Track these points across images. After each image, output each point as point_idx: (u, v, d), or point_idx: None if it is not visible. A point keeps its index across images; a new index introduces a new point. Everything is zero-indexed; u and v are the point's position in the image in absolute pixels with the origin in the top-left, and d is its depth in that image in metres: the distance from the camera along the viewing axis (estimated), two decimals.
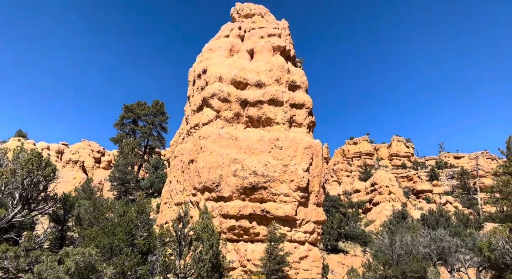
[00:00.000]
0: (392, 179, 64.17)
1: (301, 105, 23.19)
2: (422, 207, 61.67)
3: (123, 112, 54.69)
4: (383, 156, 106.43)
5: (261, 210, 19.88)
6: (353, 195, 72.64)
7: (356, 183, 77.66)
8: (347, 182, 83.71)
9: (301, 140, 21.80)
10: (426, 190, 75.85)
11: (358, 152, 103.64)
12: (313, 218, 20.96)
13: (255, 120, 22.35)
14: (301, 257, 19.86)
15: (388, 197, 59.51)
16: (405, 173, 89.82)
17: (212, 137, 21.05)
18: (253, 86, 22.59)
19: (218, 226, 19.06)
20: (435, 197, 72.52)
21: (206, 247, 15.83)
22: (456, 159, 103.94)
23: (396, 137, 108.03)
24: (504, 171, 22.36)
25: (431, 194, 74.27)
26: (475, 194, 66.96)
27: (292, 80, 23.58)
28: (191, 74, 26.43)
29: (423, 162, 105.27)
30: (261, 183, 20.07)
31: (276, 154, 21.00)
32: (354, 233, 39.21)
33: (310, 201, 21.31)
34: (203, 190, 20.59)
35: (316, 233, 21.20)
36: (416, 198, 74.78)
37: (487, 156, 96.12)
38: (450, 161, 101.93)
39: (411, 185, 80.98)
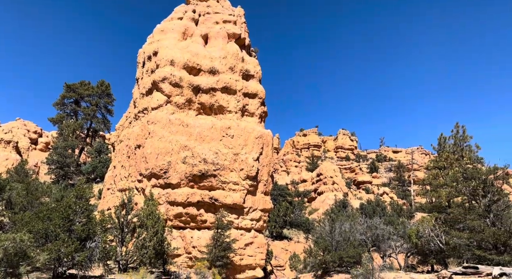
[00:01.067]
0: (336, 170, 67.48)
1: (254, 95, 23.35)
2: (362, 197, 65.80)
3: (64, 92, 50.88)
4: (329, 148, 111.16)
5: (210, 198, 19.90)
6: (300, 184, 75.31)
7: (304, 173, 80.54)
8: (295, 172, 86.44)
9: (253, 130, 22.03)
10: (366, 181, 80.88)
11: (307, 143, 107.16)
12: (261, 206, 21.45)
13: (207, 108, 22.10)
14: (247, 243, 20.31)
15: (332, 187, 62.61)
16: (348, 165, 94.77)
17: (162, 123, 20.48)
18: (206, 73, 22.24)
19: (164, 213, 18.76)
20: (374, 188, 77.64)
21: (150, 234, 15.55)
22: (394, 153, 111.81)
23: (342, 131, 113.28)
24: (434, 165, 24.52)
25: (370, 185, 79.34)
26: (409, 186, 72.79)
27: (246, 69, 23.60)
28: (140, 56, 25.28)
29: (365, 154, 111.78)
30: (211, 170, 20.03)
31: (227, 142, 21.03)
32: (299, 221, 40.86)
33: (259, 189, 21.74)
34: (150, 176, 20.07)
35: (263, 220, 21.75)
36: (357, 188, 79.42)
37: (421, 151, 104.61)
38: (389, 155, 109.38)
39: (353, 176, 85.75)
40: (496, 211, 17.49)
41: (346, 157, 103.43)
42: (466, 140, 23.69)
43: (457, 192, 20.01)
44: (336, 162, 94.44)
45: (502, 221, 16.96)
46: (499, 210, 17.57)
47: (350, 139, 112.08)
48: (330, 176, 64.44)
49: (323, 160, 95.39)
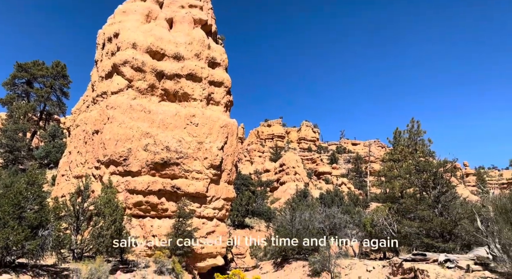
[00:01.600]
0: (298, 161, 68.96)
1: (220, 83, 23.06)
2: (322, 187, 67.94)
3: (15, 71, 47.25)
4: (293, 139, 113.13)
5: (172, 186, 19.58)
6: (263, 174, 76.18)
7: (267, 163, 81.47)
8: (259, 162, 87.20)
9: (218, 118, 21.83)
10: (326, 172, 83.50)
11: (271, 134, 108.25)
12: (224, 195, 21.46)
13: (171, 94, 21.53)
14: (208, 232, 20.30)
15: (294, 177, 63.98)
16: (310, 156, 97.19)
17: (122, 108, 19.69)
18: (170, 58, 21.58)
19: (123, 201, 18.21)
20: (333, 179, 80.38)
21: (108, 223, 15.06)
22: (353, 145, 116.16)
23: (306, 123, 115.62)
24: (389, 158, 25.83)
25: (330, 176, 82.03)
26: (365, 177, 76.10)
27: (212, 57, 23.20)
28: (100, 37, 23.97)
29: (326, 146, 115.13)
30: (173, 159, 19.65)
31: (191, 131, 20.69)
32: (261, 210, 41.42)
33: (222, 178, 21.70)
34: (109, 163, 19.32)
35: (225, 209, 21.80)
36: (317, 178, 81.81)
37: (378, 144, 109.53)
38: (348, 147, 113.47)
39: (314, 167, 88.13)
40: (444, 201, 18.79)
41: (309, 148, 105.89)
42: (420, 134, 25.09)
43: (410, 184, 21.24)
44: (299, 153, 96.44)
45: (449, 211, 18.25)
46: (446, 201, 18.89)
47: (313, 131, 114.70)
48: (292, 166, 65.75)
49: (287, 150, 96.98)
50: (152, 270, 15.98)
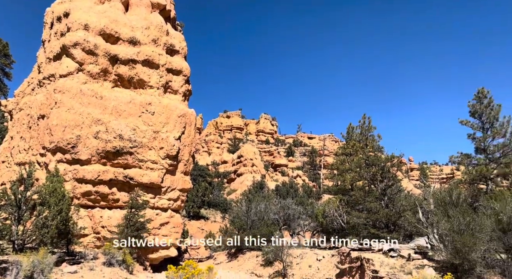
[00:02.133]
0: (256, 153, 69.56)
1: (178, 71, 22.46)
2: (278, 179, 69.22)
3: None
4: (251, 131, 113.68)
5: (124, 176, 18.88)
6: (221, 165, 75.95)
7: (225, 155, 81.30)
8: (216, 153, 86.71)
9: (176, 108, 21.30)
10: (283, 164, 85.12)
11: (230, 125, 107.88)
12: (179, 186, 21.11)
13: (125, 80, 20.60)
14: (162, 223, 19.91)
15: (251, 169, 64.52)
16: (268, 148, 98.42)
17: (72, 93, 18.53)
18: (126, 42, 20.59)
19: (70, 190, 17.27)
20: (289, 171, 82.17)
21: (53, 213, 14.23)
22: (309, 139, 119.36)
23: (264, 115, 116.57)
24: (342, 152, 26.81)
25: (286, 168, 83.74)
26: (319, 170, 78.64)
27: (171, 44, 22.49)
28: (48, 15, 22.23)
29: (284, 139, 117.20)
30: (127, 148, 18.93)
31: (147, 119, 20.01)
32: (217, 201, 41.40)
33: (179, 169, 21.31)
34: (55, 150, 18.18)
35: (181, 200, 21.48)
36: (274, 170, 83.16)
37: (332, 138, 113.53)
38: (304, 140, 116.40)
39: (271, 159, 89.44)
40: (390, 194, 19.94)
41: (266, 141, 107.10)
42: (371, 130, 26.27)
43: (360, 177, 22.24)
44: (257, 145, 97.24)
45: (394, 204, 19.39)
46: (392, 193, 20.07)
47: (271, 124, 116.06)
48: (250, 158, 66.21)
49: (245, 142, 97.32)
50: (101, 262, 15.40)
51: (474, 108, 20.09)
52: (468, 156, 20.94)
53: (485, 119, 19.80)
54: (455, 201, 13.15)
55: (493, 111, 19.48)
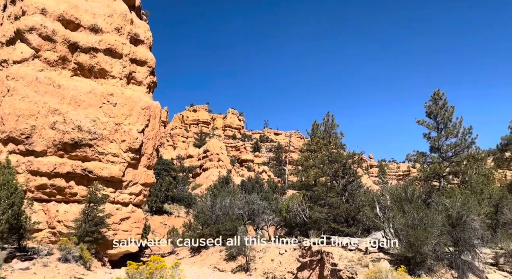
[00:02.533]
0: (223, 148, 69.30)
1: (143, 62, 21.77)
2: (244, 174, 69.43)
3: None
4: (218, 125, 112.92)
5: (83, 169, 18.10)
6: (186, 160, 74.91)
7: (191, 149, 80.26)
8: (182, 147, 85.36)
9: (139, 99, 20.67)
10: (249, 159, 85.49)
11: (196, 120, 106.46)
12: (142, 180, 20.57)
13: (86, 69, 19.66)
14: (123, 218, 19.35)
15: (217, 164, 64.20)
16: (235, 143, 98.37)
17: (26, 80, 17.41)
18: (87, 30, 19.61)
19: (23, 183, 16.31)
20: (255, 166, 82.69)
21: (4, 206, 13.38)
22: (276, 135, 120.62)
23: (232, 110, 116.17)
24: (307, 148, 27.33)
25: (252, 163, 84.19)
26: (284, 166, 79.84)
27: (135, 33, 21.73)
28: None
29: (250, 134, 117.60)
30: (86, 139, 18.13)
31: (108, 110, 19.25)
32: (181, 196, 40.84)
33: (141, 163, 20.74)
34: (7, 140, 17.06)
35: (143, 195, 20.95)
36: (240, 166, 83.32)
37: (298, 135, 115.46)
38: (271, 136, 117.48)
39: (237, 154, 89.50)
40: (350, 190, 20.66)
41: (233, 136, 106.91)
42: (334, 128, 26.97)
43: (323, 173, 22.83)
44: (224, 140, 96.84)
45: (353, 199, 20.13)
46: (352, 189, 20.81)
47: (238, 119, 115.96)
48: (216, 153, 65.83)
49: (211, 137, 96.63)
50: (56, 258, 14.73)
51: (430, 109, 21.20)
52: (423, 154, 22.11)
53: (440, 120, 20.96)
54: (410, 197, 13.85)
55: (447, 112, 20.66)
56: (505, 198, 16.26)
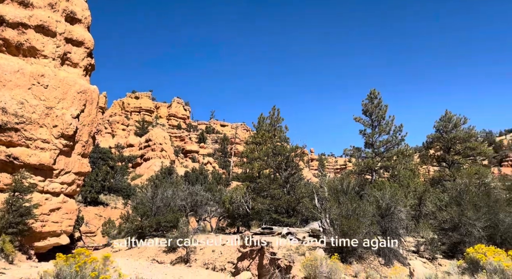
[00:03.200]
0: (166, 138, 67.27)
1: (79, 42, 20.19)
2: (188, 165, 68.29)
3: None
4: (162, 114, 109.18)
5: (7, 155, 16.42)
6: (126, 149, 71.50)
7: (131, 138, 76.69)
8: (122, 136, 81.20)
9: (74, 83, 19.18)
10: (194, 150, 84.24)
11: (138, 107, 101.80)
12: (75, 169, 19.23)
13: (13, 46, 17.73)
14: (53, 209, 17.97)
15: (160, 154, 62.22)
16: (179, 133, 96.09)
17: None
18: (15, 3, 17.63)
19: None
20: (200, 157, 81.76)
21: None
22: (222, 126, 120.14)
23: (177, 99, 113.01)
24: (252, 140, 27.66)
25: (197, 154, 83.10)
26: (230, 157, 80.00)
27: (72, 11, 20.04)
28: None
29: (196, 125, 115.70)
30: (11, 123, 16.44)
31: (38, 93, 17.60)
32: (119, 186, 38.96)
33: (75, 150, 19.36)
34: None
35: (76, 184, 19.63)
36: (184, 156, 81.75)
37: (244, 127, 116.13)
38: (217, 128, 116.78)
39: (182, 145, 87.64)
40: (292, 182, 21.35)
41: (178, 126, 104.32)
42: (279, 121, 27.61)
43: (267, 165, 23.31)
44: (168, 130, 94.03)
45: (294, 191, 20.85)
46: (294, 181, 21.52)
47: (184, 108, 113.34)
48: (159, 142, 63.72)
49: (154, 126, 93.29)
50: None
51: (366, 107, 22.62)
52: (359, 150, 23.58)
53: (374, 118, 22.47)
54: (345, 189, 14.70)
55: (381, 110, 22.21)
56: (427, 191, 17.99)
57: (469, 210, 11.27)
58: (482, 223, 10.99)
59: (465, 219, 11.15)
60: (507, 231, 11.00)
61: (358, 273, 9.42)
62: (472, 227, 10.94)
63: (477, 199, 11.83)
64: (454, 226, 11.64)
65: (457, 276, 7.55)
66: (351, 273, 9.42)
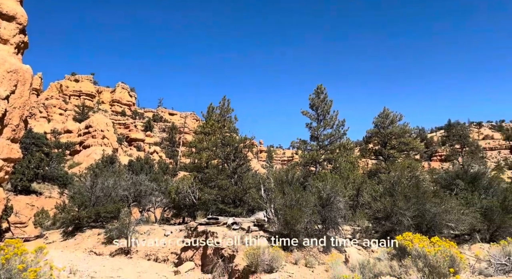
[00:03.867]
0: (109, 124, 63.83)
1: (10, 17, 18.23)
2: (132, 154, 65.71)
3: None
4: (105, 100, 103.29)
5: None
6: (64, 135, 66.73)
7: (69, 123, 71.65)
8: (58, 121, 75.52)
9: (4, 61, 17.32)
10: (139, 139, 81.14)
11: (78, 91, 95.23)
12: (4, 155, 17.50)
13: None
14: None
15: (101, 141, 58.97)
16: (124, 120, 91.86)
17: None
18: None
19: None
20: (146, 146, 79.04)
21: None
22: (170, 115, 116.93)
23: (122, 85, 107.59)
24: (201, 130, 27.27)
25: (143, 143, 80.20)
26: (178, 147, 78.29)
27: None
28: None
29: (142, 112, 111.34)
30: None
31: None
32: (55, 174, 36.32)
33: (4, 135, 17.59)
34: None
35: (5, 171, 17.89)
36: (128, 145, 78.42)
37: (194, 116, 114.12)
38: (165, 116, 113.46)
39: (126, 133, 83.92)
40: (239, 173, 21.54)
41: (122, 112, 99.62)
42: (229, 112, 27.54)
43: (215, 156, 23.22)
44: (111, 116, 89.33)
45: (242, 181, 21.07)
46: (242, 172, 21.74)
47: (129, 94, 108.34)
48: (101, 129, 60.31)
49: (96, 111, 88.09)
50: None
51: (313, 101, 23.43)
52: (305, 142, 24.42)
53: (320, 112, 23.37)
54: (290, 180, 15.18)
55: (327, 105, 23.16)
56: (365, 182, 19.22)
57: (400, 200, 12.24)
58: (411, 213, 12.01)
59: (397, 209, 12.10)
60: (432, 220, 12.15)
61: (298, 260, 9.82)
62: (402, 216, 11.91)
63: (408, 190, 12.87)
64: (387, 215, 12.58)
65: (387, 261, 8.19)
66: (291, 261, 9.79)
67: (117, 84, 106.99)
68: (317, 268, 9.53)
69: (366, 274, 8.04)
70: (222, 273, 10.20)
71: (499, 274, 8.30)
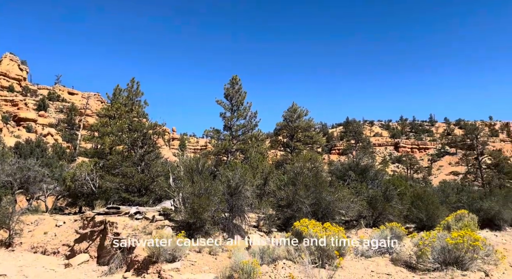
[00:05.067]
0: None
1: None
2: (21, 135, 57.72)
3: None
4: None
5: None
6: None
7: None
8: None
9: None
10: (30, 119, 71.68)
11: None
12: None
13: None
14: None
15: None
16: (11, 97, 79.89)
17: None
18: None
19: None
20: (38, 128, 70.25)
21: None
22: (70, 94, 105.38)
23: (10, 56, 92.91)
24: (105, 113, 25.21)
25: (34, 124, 71.06)
26: (78, 130, 71.11)
27: None
28: None
29: (36, 89, 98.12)
30: None
31: None
32: None
33: None
34: None
35: None
36: (17, 125, 68.71)
37: (98, 98, 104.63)
38: (64, 95, 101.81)
39: (14, 111, 73.28)
40: (147, 160, 20.53)
41: (10, 88, 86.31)
42: (138, 95, 26.02)
43: (121, 141, 21.75)
44: None
45: (150, 169, 20.13)
46: (150, 159, 20.74)
47: (20, 68, 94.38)
48: None
49: None
50: None
51: (228, 91, 23.58)
52: (218, 132, 24.49)
53: (234, 102, 23.66)
54: (200, 169, 15.02)
55: (241, 96, 23.54)
56: (272, 172, 20.11)
57: (301, 189, 13.14)
58: (310, 201, 13.00)
59: (298, 197, 12.97)
60: (327, 207, 13.33)
61: (202, 248, 9.82)
62: (302, 204, 12.80)
63: (308, 180, 13.88)
64: (289, 203, 13.40)
65: (284, 246, 8.72)
66: (195, 249, 9.74)
67: (4, 55, 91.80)
68: (220, 255, 9.66)
69: (265, 258, 8.44)
70: (120, 265, 9.62)
71: (377, 255, 9.56)
